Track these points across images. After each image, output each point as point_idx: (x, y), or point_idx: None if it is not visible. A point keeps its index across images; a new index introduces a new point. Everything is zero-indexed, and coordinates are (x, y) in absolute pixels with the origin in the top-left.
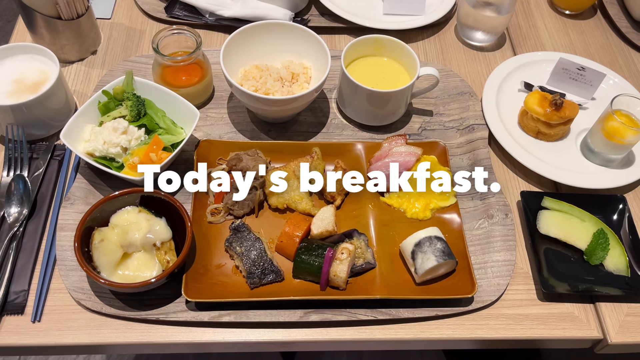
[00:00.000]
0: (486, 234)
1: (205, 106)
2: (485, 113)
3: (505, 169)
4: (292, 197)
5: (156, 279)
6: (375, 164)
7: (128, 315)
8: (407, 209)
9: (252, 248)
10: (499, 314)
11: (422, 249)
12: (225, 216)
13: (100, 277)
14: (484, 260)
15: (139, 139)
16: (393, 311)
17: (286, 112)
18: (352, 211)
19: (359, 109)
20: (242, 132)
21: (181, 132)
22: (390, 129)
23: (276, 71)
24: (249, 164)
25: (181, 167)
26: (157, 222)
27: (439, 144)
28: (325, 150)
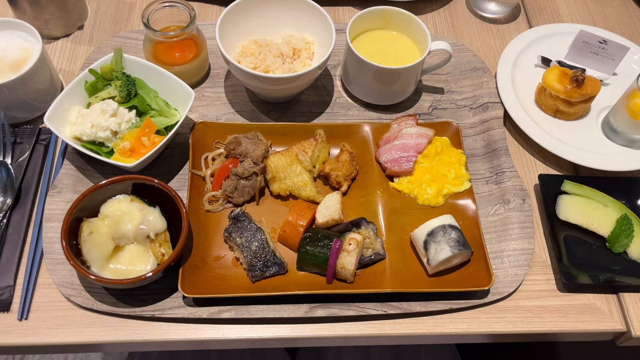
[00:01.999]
0: (502, 220)
1: (201, 85)
2: (500, 90)
3: (522, 151)
4: (295, 183)
5: (151, 274)
6: (383, 146)
7: (121, 312)
8: (418, 195)
9: (253, 239)
10: (517, 306)
11: (436, 239)
12: (224, 204)
13: (90, 273)
14: (500, 249)
15: (130, 122)
16: (404, 305)
17: (288, 91)
18: (360, 198)
19: (366, 87)
20: (241, 113)
21: (175, 113)
22: (399, 108)
23: (276, 47)
24: (249, 148)
25: (176, 151)
26: (150, 212)
27: (451, 124)
28: (330, 132)
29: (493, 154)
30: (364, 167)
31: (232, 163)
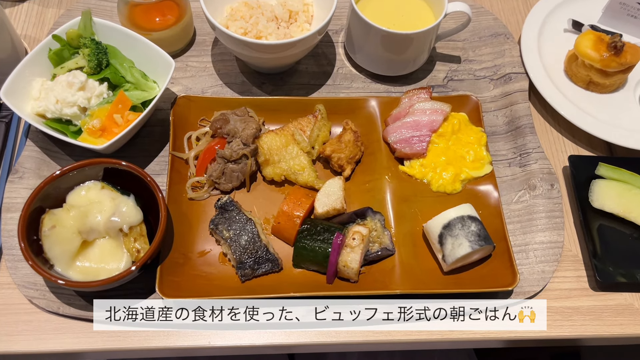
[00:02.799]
0: (527, 209)
1: (185, 54)
2: (525, 59)
3: (549, 128)
4: (291, 167)
5: (122, 275)
6: (392, 124)
7: (91, 317)
8: (432, 181)
9: (242, 232)
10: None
11: (453, 232)
12: (210, 191)
13: (51, 275)
14: (525, 242)
15: (101, 97)
16: (416, 307)
17: (283, 60)
18: (365, 183)
19: (372, 56)
20: (230, 85)
21: (153, 87)
22: (410, 79)
23: (270, 9)
24: (238, 127)
25: (156, 129)
26: (123, 202)
27: (470, 98)
28: (332, 108)
29: (517, 132)
30: (370, 147)
31: (219, 144)
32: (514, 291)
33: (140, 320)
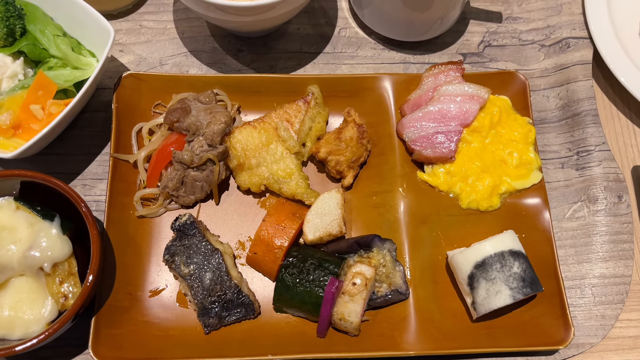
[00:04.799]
0: (585, 229)
1: (138, 10)
2: (589, 18)
3: (615, 112)
4: (274, 174)
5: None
6: (411, 114)
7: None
8: (461, 194)
9: (206, 267)
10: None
11: (489, 275)
12: (166, 205)
13: None
14: (581, 274)
15: (15, 78)
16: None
17: (265, 23)
18: (372, 196)
19: (385, 14)
20: (197, 53)
21: (89, 62)
22: (435, 45)
23: None
24: (201, 120)
25: (98, 116)
26: (44, 230)
27: (516, 75)
28: (329, 89)
29: (574, 120)
30: (379, 145)
31: (177, 142)
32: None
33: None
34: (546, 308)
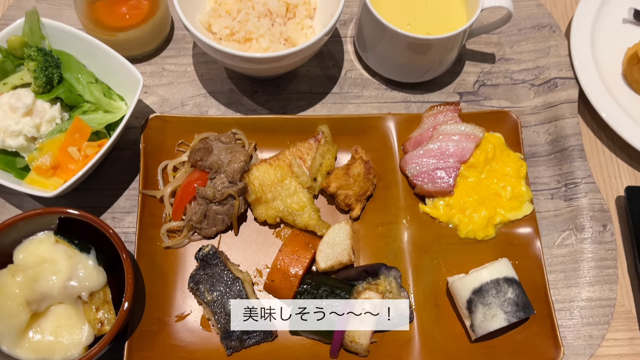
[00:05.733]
0: (573, 255)
1: (160, 54)
2: (575, 60)
3: (600, 147)
4: (288, 207)
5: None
6: (412, 151)
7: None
8: (460, 225)
9: (228, 294)
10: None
11: (485, 300)
12: (190, 236)
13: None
14: (570, 297)
15: (53, 122)
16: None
17: (279, 69)
18: (378, 226)
19: (388, 59)
20: (215, 94)
21: (119, 106)
22: (433, 85)
23: (262, 2)
24: (223, 159)
25: (126, 154)
26: (81, 262)
27: (509, 115)
28: (338, 128)
29: (562, 155)
30: (384, 179)
31: (200, 179)
32: None
33: None
34: (538, 329)
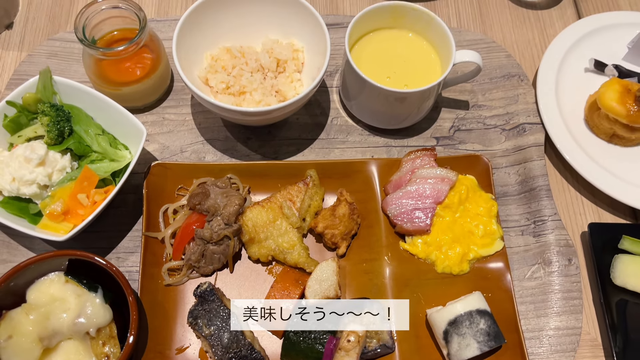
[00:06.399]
0: (542, 287)
1: (161, 104)
2: (541, 107)
3: (566, 186)
4: (279, 245)
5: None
6: (393, 193)
7: None
8: (437, 261)
9: (224, 328)
10: None
11: (459, 330)
12: (189, 274)
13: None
14: (539, 327)
15: (64, 171)
16: None
17: (270, 120)
18: (363, 263)
19: (370, 108)
20: (212, 141)
21: (124, 155)
22: (412, 130)
23: (255, 57)
24: (219, 203)
25: (129, 198)
26: (89, 300)
27: (480, 159)
28: (325, 172)
29: (531, 194)
30: (367, 219)
31: (198, 221)
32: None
33: None
34: (510, 357)
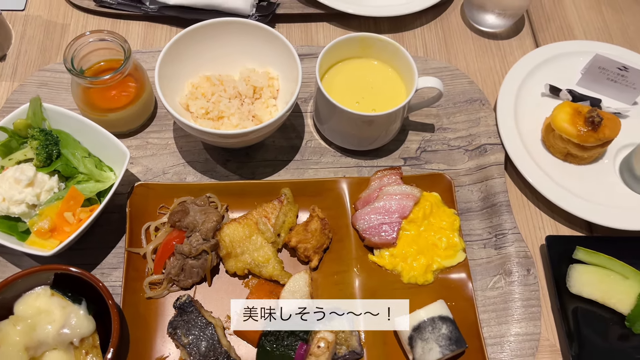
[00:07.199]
0: (503, 296)
1: (145, 129)
2: (501, 129)
3: (526, 202)
4: (255, 259)
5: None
6: (361, 209)
7: None
8: (403, 272)
9: (201, 337)
10: None
11: (423, 335)
12: (169, 287)
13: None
14: (501, 333)
15: (51, 191)
16: None
17: (247, 142)
18: (333, 275)
19: (340, 131)
20: (193, 163)
21: (109, 176)
22: (382, 151)
23: (232, 85)
24: (198, 219)
25: (113, 217)
26: (74, 312)
27: (443, 177)
28: (299, 190)
29: (492, 210)
30: (338, 233)
31: (178, 237)
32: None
33: None
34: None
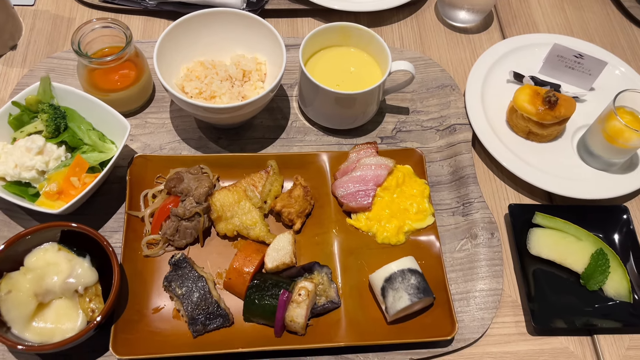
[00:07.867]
0: (469, 257)
1: (144, 110)
2: (469, 110)
3: (492, 176)
4: (243, 222)
5: (76, 337)
6: (340, 178)
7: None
8: (377, 233)
9: (194, 288)
10: (484, 352)
11: (394, 285)
12: (165, 247)
13: (6, 338)
14: (467, 290)
15: (59, 159)
16: (361, 357)
17: (237, 118)
18: (314, 236)
19: (323, 112)
20: (187, 140)
21: (111, 148)
22: (361, 131)
23: (224, 68)
24: (191, 185)
25: (115, 187)
26: (79, 264)
27: (415, 151)
28: (284, 163)
29: (460, 182)
30: (319, 200)
31: (173, 202)
32: (455, 338)
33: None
34: (440, 312)
